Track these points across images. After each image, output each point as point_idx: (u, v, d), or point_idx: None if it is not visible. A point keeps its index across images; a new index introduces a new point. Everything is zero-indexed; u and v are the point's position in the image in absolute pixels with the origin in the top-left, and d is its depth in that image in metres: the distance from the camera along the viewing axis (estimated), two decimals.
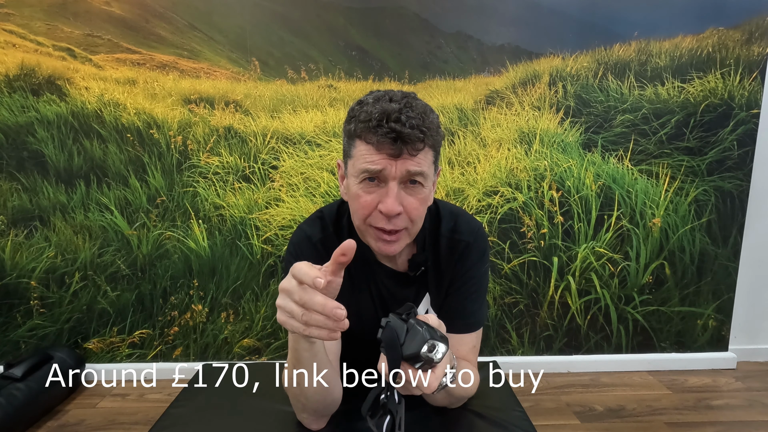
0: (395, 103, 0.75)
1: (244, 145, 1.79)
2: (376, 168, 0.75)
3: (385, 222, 0.77)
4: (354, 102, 0.81)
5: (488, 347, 1.92)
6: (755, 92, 1.80)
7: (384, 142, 0.73)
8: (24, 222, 1.77)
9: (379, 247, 0.81)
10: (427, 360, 0.60)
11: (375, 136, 0.73)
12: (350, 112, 0.79)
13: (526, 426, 0.95)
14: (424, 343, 0.59)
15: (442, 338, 0.61)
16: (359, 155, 0.76)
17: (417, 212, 0.79)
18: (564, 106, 1.80)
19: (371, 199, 0.77)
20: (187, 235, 1.81)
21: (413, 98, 0.77)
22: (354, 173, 0.78)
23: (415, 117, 0.74)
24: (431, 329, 0.60)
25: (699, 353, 1.97)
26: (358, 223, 0.81)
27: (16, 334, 1.82)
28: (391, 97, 0.76)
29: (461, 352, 0.91)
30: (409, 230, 0.81)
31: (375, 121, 0.73)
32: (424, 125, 0.74)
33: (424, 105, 0.78)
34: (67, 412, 1.66)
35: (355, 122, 0.76)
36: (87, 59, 1.72)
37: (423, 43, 1.77)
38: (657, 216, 1.87)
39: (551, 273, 1.89)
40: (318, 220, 0.92)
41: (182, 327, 1.86)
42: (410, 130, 0.73)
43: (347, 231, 0.90)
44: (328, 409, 0.85)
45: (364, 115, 0.75)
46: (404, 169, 0.75)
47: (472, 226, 0.93)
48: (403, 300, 0.93)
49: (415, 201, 0.78)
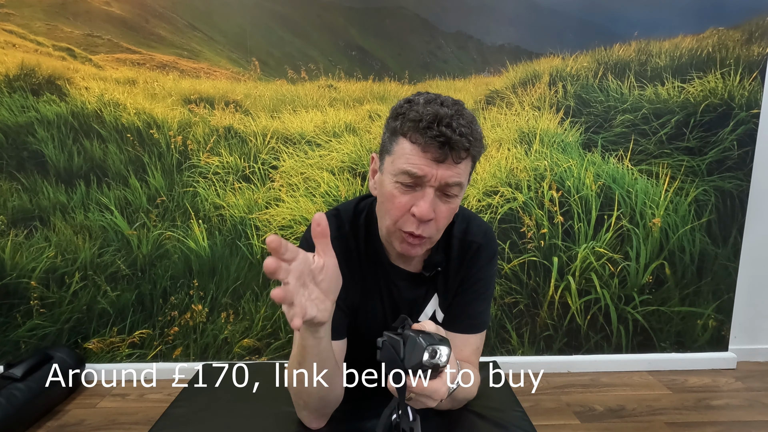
0: (447, 107, 0.74)
1: (244, 145, 1.79)
2: (417, 173, 0.74)
3: (414, 227, 0.77)
4: (401, 100, 0.80)
5: (488, 347, 1.92)
6: (755, 92, 1.80)
7: (431, 145, 0.73)
8: (24, 222, 1.77)
9: (402, 248, 0.81)
10: (432, 366, 0.60)
11: (423, 138, 0.73)
12: (398, 108, 0.78)
13: (526, 426, 0.95)
14: (424, 350, 0.58)
15: (442, 341, 0.61)
16: (402, 153, 0.76)
17: (445, 221, 0.80)
18: (564, 106, 1.80)
19: (406, 200, 0.77)
20: (187, 235, 1.81)
21: (463, 107, 0.77)
22: (392, 171, 0.77)
23: (464, 125, 0.73)
24: (428, 335, 0.60)
25: (699, 353, 1.97)
26: (388, 222, 0.80)
27: (16, 334, 1.82)
28: (442, 102, 0.76)
29: (465, 354, 0.91)
30: (432, 238, 0.81)
31: (425, 123, 0.73)
32: (471, 135, 0.74)
33: (472, 115, 0.78)
34: (67, 412, 1.66)
35: (402, 120, 0.75)
36: (87, 59, 1.72)
37: (423, 43, 1.77)
38: (657, 216, 1.87)
39: (551, 273, 1.89)
40: (334, 218, 0.91)
41: (182, 327, 1.86)
42: (459, 137, 0.72)
43: (364, 230, 0.90)
44: (328, 408, 0.85)
45: (414, 114, 0.74)
46: (444, 178, 0.75)
47: (484, 229, 0.94)
48: (413, 300, 0.93)
49: (447, 210, 0.79)
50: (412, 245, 0.80)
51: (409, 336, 0.60)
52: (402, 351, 0.60)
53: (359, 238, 0.90)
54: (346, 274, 0.88)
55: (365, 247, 0.90)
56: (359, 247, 0.90)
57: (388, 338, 0.63)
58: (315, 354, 0.72)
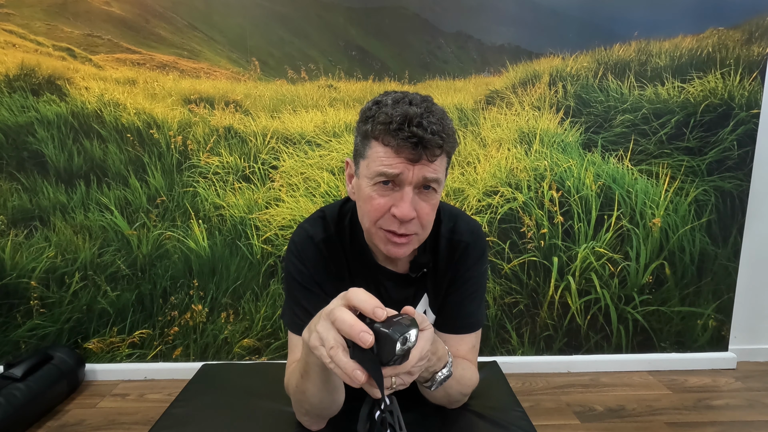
0: (416, 106, 0.73)
1: (244, 145, 1.79)
2: (393, 172, 0.73)
3: (396, 226, 0.77)
4: (369, 101, 0.79)
5: (488, 347, 1.92)
6: (755, 92, 1.80)
7: (404, 146, 0.72)
8: (24, 222, 1.77)
9: (388, 250, 0.80)
10: (405, 353, 0.59)
11: (395, 140, 0.72)
12: (366, 111, 0.77)
13: (526, 426, 0.95)
14: (396, 342, 0.58)
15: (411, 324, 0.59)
16: (375, 157, 0.75)
17: (428, 218, 0.79)
18: (564, 106, 1.80)
19: (384, 202, 0.76)
20: (187, 235, 1.81)
21: (432, 103, 0.77)
22: (368, 174, 0.77)
23: (435, 123, 0.73)
24: (395, 324, 0.58)
25: (699, 353, 1.97)
26: (367, 225, 0.80)
27: (16, 334, 1.82)
28: (410, 100, 0.75)
29: (461, 352, 0.91)
30: (419, 235, 0.80)
31: (396, 125, 0.72)
32: (443, 131, 0.73)
33: (442, 110, 0.77)
34: (67, 412, 1.66)
35: (373, 123, 0.75)
36: (87, 59, 1.72)
37: (423, 43, 1.77)
38: (657, 216, 1.87)
39: (551, 273, 1.89)
40: (320, 220, 0.91)
41: (182, 327, 1.86)
42: (432, 135, 0.72)
43: (349, 232, 0.90)
44: (329, 413, 0.85)
45: (383, 117, 0.73)
46: (421, 175, 0.74)
47: (471, 226, 0.93)
48: (402, 301, 0.92)
49: (428, 207, 0.78)
50: (398, 245, 0.79)
51: (379, 331, 0.59)
52: (374, 347, 0.59)
53: (345, 240, 0.90)
54: (335, 275, 0.88)
55: (352, 249, 0.90)
56: (345, 248, 0.90)
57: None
58: (319, 370, 0.71)
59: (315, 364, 0.70)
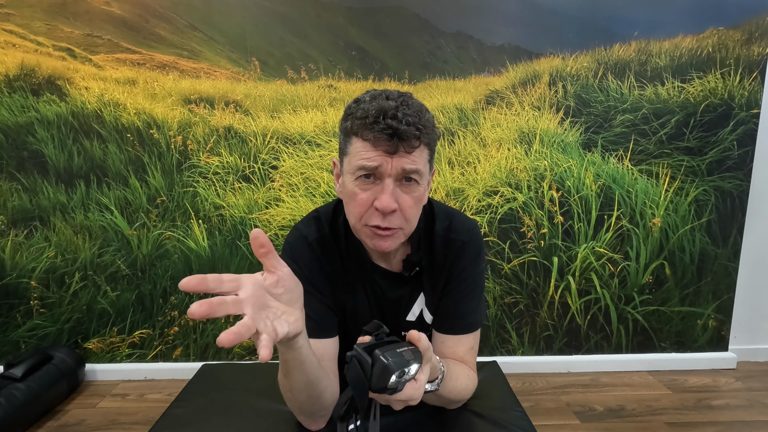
0: (392, 100, 0.76)
1: (244, 145, 1.79)
2: (372, 164, 0.75)
3: (380, 219, 0.77)
4: (351, 101, 0.81)
5: (488, 347, 1.92)
6: (755, 92, 1.80)
7: (380, 139, 0.74)
8: (24, 222, 1.77)
9: (374, 244, 0.81)
10: (399, 386, 0.57)
11: (371, 133, 0.74)
12: (347, 110, 0.79)
13: (526, 426, 0.95)
14: (392, 374, 0.55)
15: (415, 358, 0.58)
16: (355, 152, 0.77)
17: (411, 211, 0.79)
18: (564, 106, 1.80)
19: (367, 196, 0.77)
20: (187, 235, 1.81)
21: (409, 97, 0.78)
22: (350, 170, 0.78)
23: (411, 114, 0.74)
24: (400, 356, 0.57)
25: (699, 353, 1.97)
26: (353, 221, 0.81)
27: (16, 334, 1.82)
28: (387, 95, 0.77)
29: (458, 354, 0.91)
30: (404, 229, 0.81)
31: (372, 118, 0.74)
32: (420, 123, 0.75)
33: (420, 104, 0.79)
34: (67, 412, 1.66)
35: (352, 119, 0.77)
36: (87, 59, 1.72)
37: (423, 43, 1.77)
38: (657, 216, 1.87)
39: (551, 273, 1.89)
40: (314, 220, 0.91)
41: (182, 327, 1.86)
42: (406, 126, 0.73)
43: (344, 231, 0.90)
44: (322, 411, 0.85)
45: (360, 113, 0.75)
46: (400, 166, 0.75)
47: (467, 225, 0.92)
48: (398, 300, 0.92)
49: (410, 199, 0.78)
50: (382, 238, 0.79)
51: (379, 357, 0.56)
52: (369, 371, 0.57)
53: (339, 239, 0.90)
54: (330, 275, 0.88)
55: (346, 247, 0.90)
56: (340, 247, 0.90)
57: (357, 354, 0.60)
58: (298, 364, 0.71)
59: (291, 361, 0.70)
